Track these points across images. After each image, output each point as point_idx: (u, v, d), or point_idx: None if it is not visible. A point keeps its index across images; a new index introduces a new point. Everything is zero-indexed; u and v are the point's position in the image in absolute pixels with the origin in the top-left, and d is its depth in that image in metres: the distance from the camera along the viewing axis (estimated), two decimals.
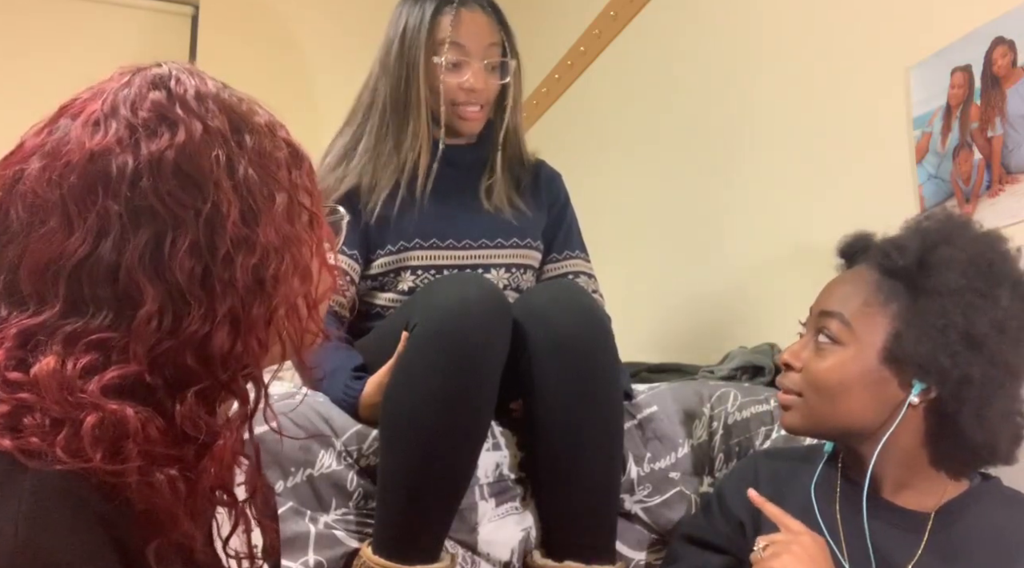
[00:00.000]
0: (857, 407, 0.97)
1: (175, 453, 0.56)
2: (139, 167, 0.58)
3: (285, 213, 0.63)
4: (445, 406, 1.12)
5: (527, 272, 1.51)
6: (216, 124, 0.62)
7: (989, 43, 1.22)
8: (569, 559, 1.19)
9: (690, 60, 1.99)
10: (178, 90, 0.62)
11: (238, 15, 2.93)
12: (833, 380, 0.97)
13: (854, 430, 0.98)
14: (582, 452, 1.19)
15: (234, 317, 0.59)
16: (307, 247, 0.65)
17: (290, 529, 1.12)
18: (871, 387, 0.96)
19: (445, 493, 1.15)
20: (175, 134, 0.60)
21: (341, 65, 2.10)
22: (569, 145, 2.44)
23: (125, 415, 0.54)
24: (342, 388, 1.24)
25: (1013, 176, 1.19)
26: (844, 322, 0.98)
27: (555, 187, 1.60)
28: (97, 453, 0.53)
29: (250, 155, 0.62)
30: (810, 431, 1.03)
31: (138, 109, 0.60)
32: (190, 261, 0.58)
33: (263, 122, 0.66)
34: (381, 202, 1.42)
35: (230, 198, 0.59)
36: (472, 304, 1.14)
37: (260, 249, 0.60)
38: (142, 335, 0.56)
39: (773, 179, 1.69)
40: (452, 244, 1.44)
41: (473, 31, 1.43)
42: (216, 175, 0.59)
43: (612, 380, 1.22)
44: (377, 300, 1.46)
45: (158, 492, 0.54)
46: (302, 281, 0.64)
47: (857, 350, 0.97)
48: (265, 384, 0.63)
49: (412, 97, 1.43)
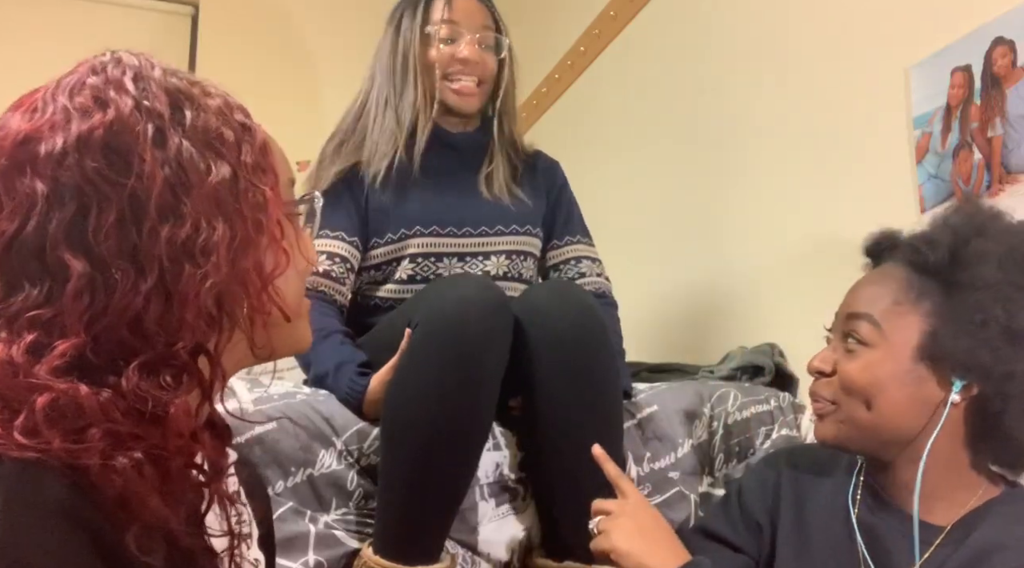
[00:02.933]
0: (893, 409, 0.92)
1: (138, 432, 0.55)
2: (66, 146, 0.59)
3: (226, 186, 0.62)
4: (446, 406, 1.12)
5: (527, 259, 1.51)
6: (150, 102, 0.62)
7: (989, 43, 1.22)
8: (569, 559, 1.19)
9: (690, 60, 1.99)
10: (115, 73, 0.63)
11: (238, 15, 2.93)
12: (865, 381, 0.92)
13: (891, 436, 0.93)
14: (582, 451, 1.19)
15: (164, 289, 0.59)
16: (252, 222, 0.64)
17: (290, 529, 1.12)
18: (907, 387, 0.91)
19: (446, 493, 1.15)
20: (106, 113, 0.60)
21: (341, 64, 2.11)
22: (569, 145, 2.44)
23: (78, 392, 0.54)
24: (347, 383, 1.25)
25: (1013, 176, 1.18)
26: (873, 323, 0.93)
27: (552, 174, 1.61)
28: (55, 436, 0.52)
29: (188, 130, 0.62)
30: (844, 442, 0.96)
31: (75, 94, 0.61)
32: (116, 234, 0.58)
33: (215, 103, 0.66)
34: (381, 178, 1.44)
35: (155, 170, 0.59)
36: (473, 304, 1.14)
37: (190, 220, 0.60)
38: (74, 309, 0.57)
39: (773, 179, 1.69)
40: (452, 231, 1.45)
41: (466, 12, 1.49)
42: (141, 148, 0.59)
43: (611, 379, 1.22)
44: (378, 292, 1.46)
45: (123, 475, 0.53)
46: (244, 256, 0.63)
47: (887, 350, 0.92)
48: (219, 361, 0.63)
49: (409, 69, 1.47)
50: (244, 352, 0.67)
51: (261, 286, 0.64)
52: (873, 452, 0.96)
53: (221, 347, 0.63)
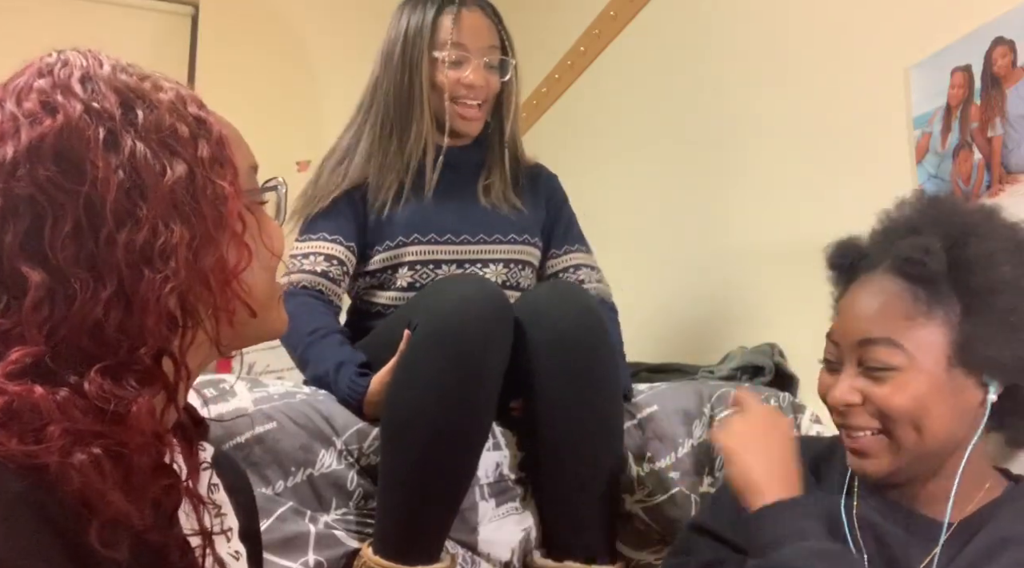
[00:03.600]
0: (941, 424, 0.89)
1: (99, 429, 0.55)
2: (17, 156, 0.58)
3: (183, 185, 0.61)
4: (446, 406, 1.12)
5: (525, 268, 1.51)
6: (100, 104, 0.60)
7: (989, 43, 1.22)
8: (569, 559, 1.19)
9: (690, 60, 1.99)
10: (62, 75, 0.61)
11: (238, 15, 2.93)
12: (908, 404, 0.88)
13: (940, 452, 0.90)
14: (581, 452, 1.19)
15: (124, 296, 0.58)
16: (212, 219, 0.62)
17: (290, 529, 1.12)
18: (949, 399, 0.89)
19: (446, 493, 1.15)
20: (55, 119, 0.59)
21: (341, 65, 2.11)
22: (569, 145, 2.44)
23: (32, 393, 0.53)
24: (347, 383, 1.25)
25: (1013, 176, 1.18)
26: (894, 344, 0.89)
27: (552, 185, 1.62)
28: (12, 438, 0.52)
29: (140, 130, 0.61)
30: (897, 473, 0.92)
31: (23, 100, 0.60)
32: (73, 244, 0.57)
33: (167, 98, 0.64)
34: (389, 202, 1.43)
35: (109, 175, 0.58)
36: (473, 304, 1.14)
37: (147, 224, 0.59)
38: (33, 320, 0.56)
39: (773, 179, 1.69)
40: (450, 239, 1.45)
41: (474, 32, 1.46)
42: (93, 154, 0.58)
43: (611, 379, 1.22)
44: (377, 299, 1.46)
45: (81, 472, 0.53)
46: (205, 254, 0.62)
47: (918, 368, 0.89)
48: (183, 362, 0.62)
49: (416, 95, 1.45)
50: (211, 348, 0.66)
51: (224, 283, 0.63)
52: (916, 473, 0.93)
53: (185, 348, 0.62)
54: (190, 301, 0.61)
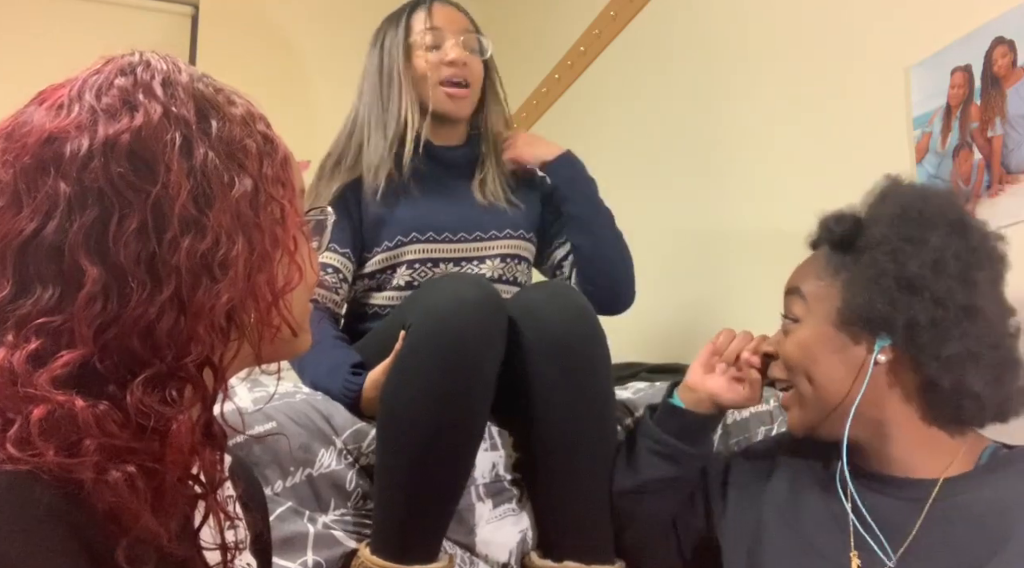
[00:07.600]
0: (828, 376, 0.97)
1: (135, 446, 0.55)
2: (92, 149, 0.58)
3: (247, 200, 0.62)
4: (441, 405, 1.12)
5: (521, 263, 1.53)
6: (179, 110, 0.61)
7: (989, 43, 1.22)
8: (567, 559, 1.19)
9: (690, 60, 1.99)
10: (145, 76, 0.62)
11: (238, 15, 2.93)
12: (799, 353, 1.00)
13: (834, 404, 0.97)
14: (578, 451, 1.19)
15: (179, 301, 0.58)
16: (270, 237, 0.63)
17: (289, 529, 1.12)
18: (836, 354, 0.97)
19: (442, 492, 1.15)
20: (133, 118, 0.59)
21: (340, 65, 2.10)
22: (569, 145, 2.43)
23: (74, 406, 0.53)
24: (342, 383, 1.25)
25: (1013, 176, 1.18)
26: (802, 296, 1.02)
27: (546, 180, 1.61)
28: (49, 449, 0.51)
29: (213, 141, 0.61)
30: (810, 424, 1.01)
31: (102, 95, 0.60)
32: (136, 243, 0.57)
33: (239, 113, 0.65)
34: (381, 192, 1.44)
35: (181, 180, 0.58)
36: (468, 303, 1.14)
37: (211, 233, 0.59)
38: (85, 317, 0.56)
39: (773, 179, 1.69)
40: (448, 237, 1.46)
41: (447, 16, 1.53)
42: (168, 157, 0.59)
43: (606, 378, 1.22)
44: (374, 300, 1.46)
45: (115, 490, 0.52)
46: (260, 270, 0.62)
47: (813, 321, 0.99)
48: (223, 374, 0.62)
49: (394, 84, 1.49)
50: (244, 361, 0.67)
51: (272, 301, 0.64)
52: (833, 431, 0.98)
53: (228, 360, 0.62)
54: (240, 314, 0.62)
